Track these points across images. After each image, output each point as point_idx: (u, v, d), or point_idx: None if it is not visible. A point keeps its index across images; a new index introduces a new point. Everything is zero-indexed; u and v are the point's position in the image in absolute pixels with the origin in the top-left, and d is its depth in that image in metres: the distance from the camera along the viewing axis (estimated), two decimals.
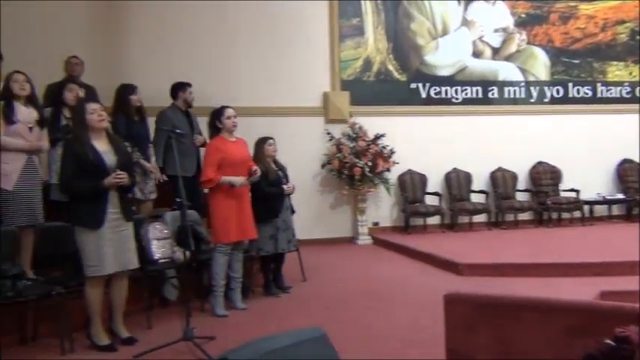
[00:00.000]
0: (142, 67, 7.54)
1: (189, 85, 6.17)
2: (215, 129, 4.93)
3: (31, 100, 4.52)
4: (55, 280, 4.23)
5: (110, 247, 3.82)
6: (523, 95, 9.41)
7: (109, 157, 3.89)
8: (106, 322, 4.08)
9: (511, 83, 9.37)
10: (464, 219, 8.78)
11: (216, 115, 4.92)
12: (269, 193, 5.32)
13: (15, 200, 4.36)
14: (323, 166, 8.37)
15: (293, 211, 5.66)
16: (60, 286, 3.99)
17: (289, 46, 8.41)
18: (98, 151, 3.85)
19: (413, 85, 8.98)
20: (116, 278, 3.97)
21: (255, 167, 4.91)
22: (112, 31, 7.82)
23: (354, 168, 8.04)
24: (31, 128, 4.46)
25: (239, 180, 4.80)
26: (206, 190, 5.10)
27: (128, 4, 7.87)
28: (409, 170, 8.76)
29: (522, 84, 9.42)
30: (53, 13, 7.38)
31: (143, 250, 4.67)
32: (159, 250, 4.80)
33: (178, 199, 4.20)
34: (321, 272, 6.27)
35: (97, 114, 3.88)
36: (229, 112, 4.91)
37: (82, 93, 5.16)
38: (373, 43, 8.87)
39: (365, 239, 8.32)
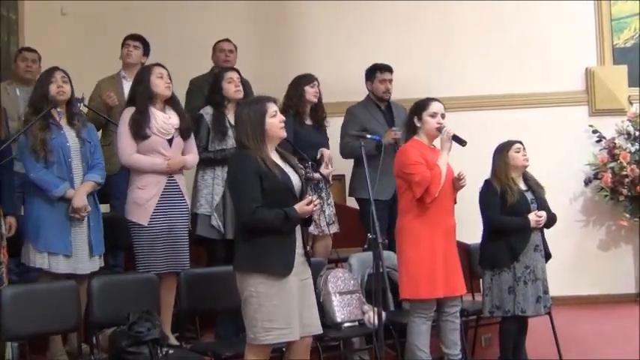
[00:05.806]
0: (320, 55, 8.02)
1: (383, 69, 6.27)
2: (411, 129, 4.94)
3: (170, 102, 4.80)
4: (205, 347, 4.48)
5: (298, 303, 3.91)
6: None
7: (294, 176, 4.01)
8: None
9: None
10: None
11: (416, 110, 4.93)
12: (505, 224, 5.22)
13: (152, 239, 4.65)
14: (587, 182, 8.13)
15: (548, 255, 5.42)
16: (211, 357, 4.27)
17: (529, 8, 8.25)
18: (283, 168, 3.96)
19: None
20: (300, 345, 4.01)
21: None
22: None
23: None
24: (170, 140, 4.72)
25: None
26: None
27: None
28: None
29: None
30: None
31: (320, 309, 4.73)
32: (342, 308, 4.99)
33: (370, 235, 4.20)
34: (589, 347, 6.11)
35: (280, 119, 3.98)
36: (435, 107, 4.88)
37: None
38: None
39: None
